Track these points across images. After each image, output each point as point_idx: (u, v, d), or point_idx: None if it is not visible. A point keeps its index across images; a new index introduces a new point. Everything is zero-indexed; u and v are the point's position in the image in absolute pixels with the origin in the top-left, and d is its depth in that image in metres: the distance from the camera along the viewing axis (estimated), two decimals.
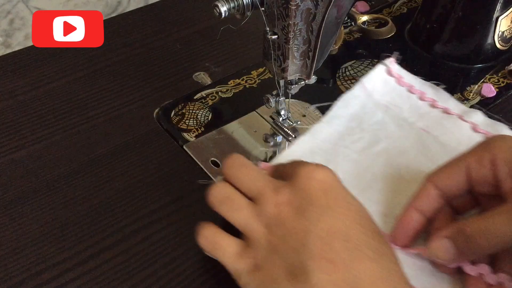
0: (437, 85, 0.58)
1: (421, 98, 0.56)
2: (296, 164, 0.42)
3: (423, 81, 0.58)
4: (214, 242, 0.41)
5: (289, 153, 0.51)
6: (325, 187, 0.39)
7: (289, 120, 0.56)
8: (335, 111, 0.55)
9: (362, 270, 0.35)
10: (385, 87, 0.57)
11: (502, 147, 0.40)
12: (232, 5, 0.46)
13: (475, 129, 0.53)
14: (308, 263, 0.36)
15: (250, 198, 0.41)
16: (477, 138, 0.47)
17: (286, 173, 0.42)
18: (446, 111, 0.54)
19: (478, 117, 0.53)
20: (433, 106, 0.55)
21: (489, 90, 0.61)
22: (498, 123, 0.53)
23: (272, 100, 0.54)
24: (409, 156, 0.51)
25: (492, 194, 0.42)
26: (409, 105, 0.56)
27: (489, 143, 0.42)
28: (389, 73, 0.58)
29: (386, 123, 0.54)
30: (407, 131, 0.54)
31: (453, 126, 0.53)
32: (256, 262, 0.39)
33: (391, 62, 0.58)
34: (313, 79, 0.51)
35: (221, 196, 0.42)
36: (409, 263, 0.42)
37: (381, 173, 0.50)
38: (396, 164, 0.50)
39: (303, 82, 0.52)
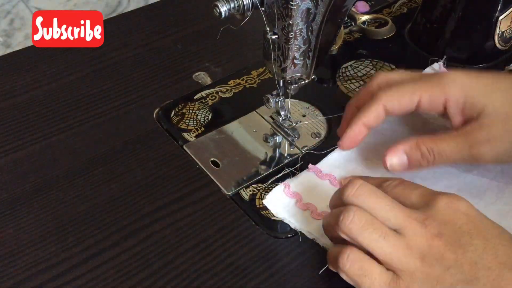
0: None
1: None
2: (427, 193, 0.42)
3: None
4: (363, 268, 0.40)
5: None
6: (472, 220, 0.40)
7: (289, 120, 0.56)
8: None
9: None
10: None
11: (455, 89, 0.46)
12: (232, 5, 0.46)
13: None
14: None
15: None
16: None
17: (408, 198, 0.42)
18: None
19: None
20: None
21: None
22: None
23: (272, 100, 0.54)
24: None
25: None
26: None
27: (443, 84, 0.46)
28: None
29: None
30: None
31: None
32: None
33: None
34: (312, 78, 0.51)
35: (363, 223, 0.40)
36: None
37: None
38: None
39: (303, 82, 0.52)
